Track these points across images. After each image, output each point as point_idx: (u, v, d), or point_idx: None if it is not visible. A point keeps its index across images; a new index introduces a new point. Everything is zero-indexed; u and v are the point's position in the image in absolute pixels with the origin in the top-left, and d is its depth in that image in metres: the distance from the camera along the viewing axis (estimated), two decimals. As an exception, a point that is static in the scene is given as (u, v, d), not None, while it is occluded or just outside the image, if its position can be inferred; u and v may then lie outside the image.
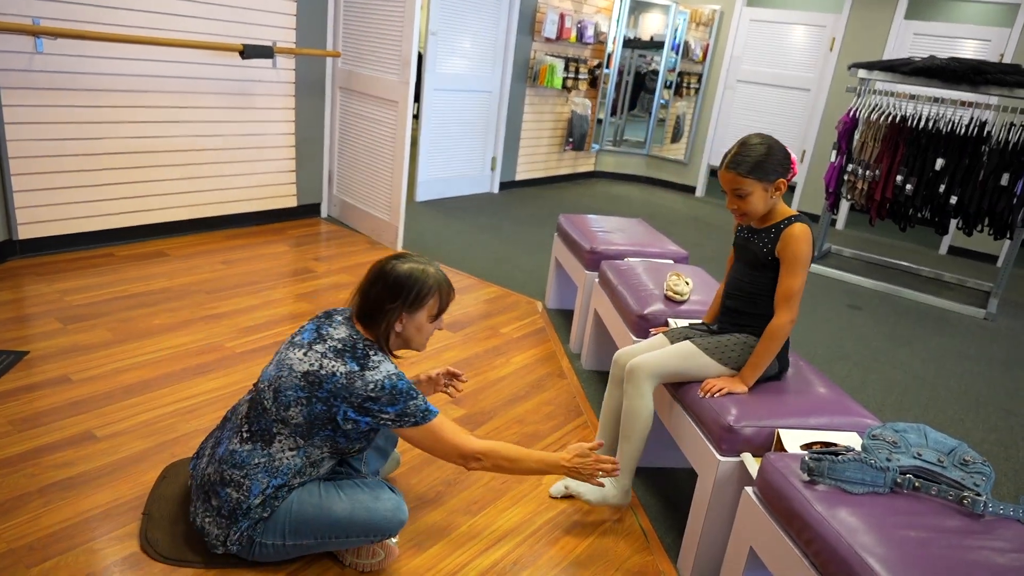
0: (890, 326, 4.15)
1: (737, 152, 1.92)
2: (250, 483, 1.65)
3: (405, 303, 1.69)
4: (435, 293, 1.73)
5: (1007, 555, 1.34)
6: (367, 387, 1.61)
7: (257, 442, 1.68)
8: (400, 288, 1.69)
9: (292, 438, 1.66)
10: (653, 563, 1.97)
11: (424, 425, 1.67)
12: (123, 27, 3.51)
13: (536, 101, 6.45)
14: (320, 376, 1.63)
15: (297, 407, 1.64)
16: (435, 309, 1.75)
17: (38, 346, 2.67)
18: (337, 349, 1.65)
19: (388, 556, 1.80)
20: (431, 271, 1.73)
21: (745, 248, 2.04)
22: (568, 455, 1.85)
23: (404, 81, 4.02)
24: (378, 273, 1.71)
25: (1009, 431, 3.03)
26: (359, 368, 1.62)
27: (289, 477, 1.67)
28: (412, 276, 1.69)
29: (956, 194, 4.39)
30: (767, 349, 1.94)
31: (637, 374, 2.03)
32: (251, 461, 1.66)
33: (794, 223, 1.94)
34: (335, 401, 1.62)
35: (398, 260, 1.73)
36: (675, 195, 7.30)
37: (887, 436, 1.61)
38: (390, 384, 1.63)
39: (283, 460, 1.66)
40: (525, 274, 4.23)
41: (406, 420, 1.66)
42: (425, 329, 1.76)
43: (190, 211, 4.11)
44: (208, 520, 1.70)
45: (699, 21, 7.14)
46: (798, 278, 1.90)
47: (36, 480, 1.95)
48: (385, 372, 1.64)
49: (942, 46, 5.93)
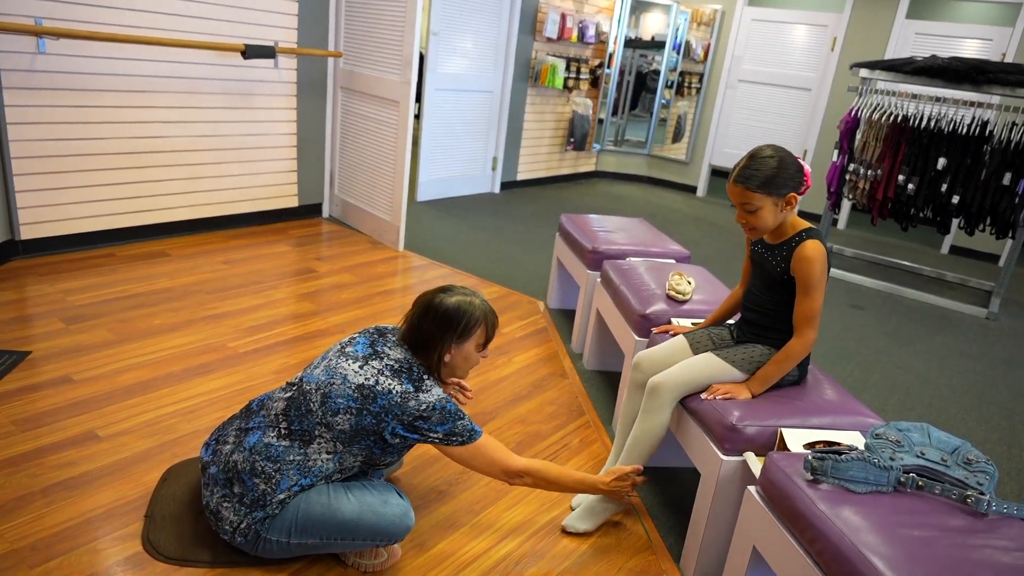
0: (892, 326, 4.14)
1: (746, 165, 1.87)
2: (280, 477, 1.67)
3: (455, 335, 1.76)
4: (482, 323, 1.80)
5: (1011, 554, 1.34)
6: (420, 407, 1.68)
7: (295, 440, 1.71)
8: (450, 321, 1.76)
9: (332, 443, 1.71)
10: (656, 562, 1.96)
11: (470, 444, 1.75)
12: (125, 27, 3.51)
13: (537, 101, 6.45)
14: (376, 391, 1.69)
15: (346, 415, 1.69)
16: (482, 339, 1.82)
17: (40, 346, 2.67)
18: (394, 368, 1.72)
19: (391, 557, 1.80)
20: (477, 303, 1.80)
21: (761, 266, 2.01)
22: (608, 478, 1.96)
23: (405, 81, 4.02)
24: (427, 307, 1.78)
25: (1012, 430, 3.02)
26: (414, 389, 1.70)
27: (318, 479, 1.70)
28: (460, 309, 1.77)
29: (958, 194, 4.38)
30: (781, 368, 1.92)
31: (661, 394, 1.99)
32: (287, 457, 1.69)
33: (806, 241, 1.88)
34: (386, 417, 1.68)
35: (445, 294, 1.80)
36: (676, 195, 7.30)
37: (890, 435, 1.60)
38: (440, 406, 1.71)
39: (318, 462, 1.70)
40: (527, 274, 4.23)
41: (453, 440, 1.73)
42: (472, 358, 1.83)
43: (192, 211, 4.11)
44: (226, 505, 1.70)
45: (700, 21, 7.13)
46: (816, 300, 1.87)
47: (39, 480, 1.95)
48: (437, 395, 1.72)
49: (944, 46, 5.93)
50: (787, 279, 1.92)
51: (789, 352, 1.91)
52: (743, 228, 1.94)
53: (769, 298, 1.99)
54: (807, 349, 1.90)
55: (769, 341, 2.01)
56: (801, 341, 1.89)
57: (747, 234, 1.97)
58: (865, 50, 6.21)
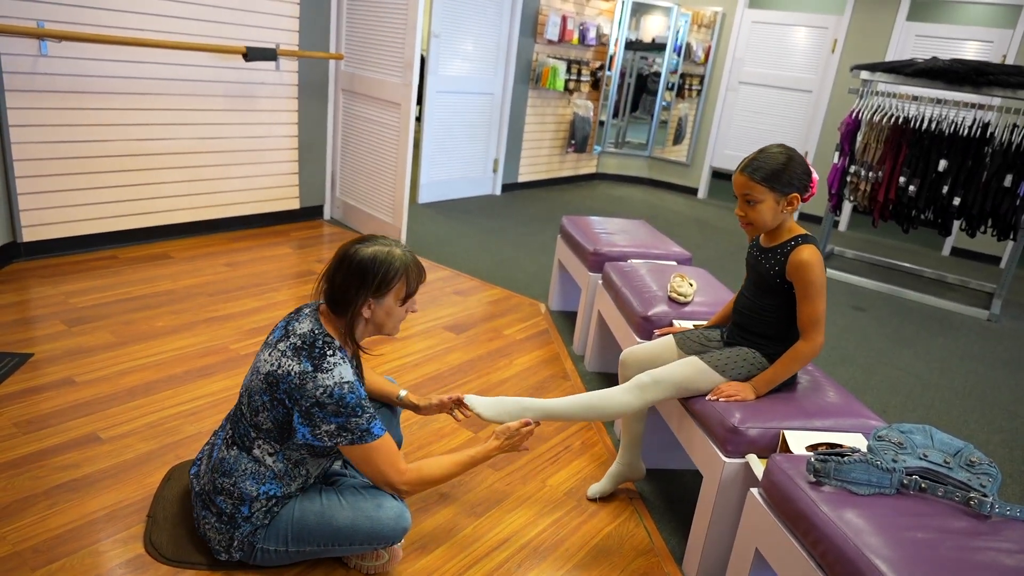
0: (893, 327, 4.14)
1: (755, 157, 1.87)
2: (239, 491, 1.64)
3: (371, 288, 1.61)
4: (402, 276, 1.64)
5: (1014, 556, 1.34)
6: (316, 390, 1.54)
7: (241, 449, 1.66)
8: (364, 273, 1.60)
9: (269, 443, 1.63)
10: (658, 565, 1.96)
11: (361, 445, 1.60)
12: (127, 30, 3.52)
13: (538, 103, 6.46)
14: (277, 376, 1.58)
15: (264, 412, 1.61)
16: (403, 292, 1.66)
17: (43, 348, 2.67)
18: (296, 347, 1.59)
19: (392, 559, 1.80)
20: (397, 252, 1.64)
21: (755, 269, 2.00)
22: (498, 440, 1.82)
23: (407, 83, 4.02)
24: (341, 258, 1.62)
25: (1014, 432, 3.02)
26: (312, 369, 1.56)
27: (278, 482, 1.65)
28: (377, 260, 1.61)
29: (959, 196, 4.38)
30: (787, 369, 1.92)
31: (648, 396, 1.97)
32: (238, 468, 1.65)
33: (801, 246, 1.87)
34: (288, 402, 1.58)
35: (362, 243, 1.64)
36: (677, 197, 7.30)
37: (893, 437, 1.60)
38: (339, 393, 1.55)
39: (266, 464, 1.64)
40: (528, 276, 4.23)
41: (343, 436, 1.58)
42: (395, 313, 1.67)
43: (193, 213, 4.12)
44: (208, 527, 1.70)
45: (701, 23, 7.14)
46: (818, 304, 1.86)
47: (41, 482, 1.95)
48: (337, 378, 1.56)
49: (944, 47, 5.93)
50: (780, 283, 1.91)
51: (796, 354, 1.91)
52: (740, 222, 1.94)
53: (760, 302, 1.98)
54: (814, 353, 1.90)
55: (757, 345, 2.00)
56: (809, 344, 1.89)
57: (744, 229, 1.96)
58: (866, 52, 6.22)
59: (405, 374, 2.85)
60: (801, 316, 1.89)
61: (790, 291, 1.90)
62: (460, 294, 3.81)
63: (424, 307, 3.57)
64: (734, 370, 1.97)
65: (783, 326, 1.95)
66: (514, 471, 2.29)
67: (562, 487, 2.25)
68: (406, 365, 2.92)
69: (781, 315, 1.94)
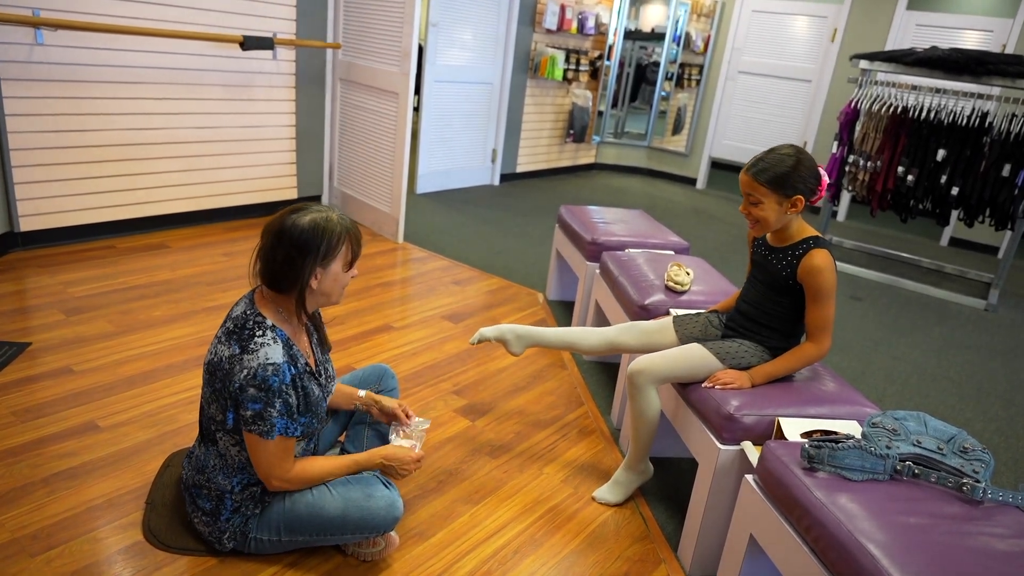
0: (891, 317, 4.15)
1: (762, 157, 1.88)
2: (214, 486, 1.66)
3: (318, 257, 1.56)
4: (346, 239, 1.60)
5: (1006, 541, 1.35)
6: (242, 373, 1.52)
7: (209, 444, 1.67)
8: (308, 243, 1.54)
9: (229, 434, 1.61)
10: (654, 551, 1.98)
11: (260, 437, 1.55)
12: (123, 18, 3.50)
13: (537, 93, 6.44)
14: (214, 364, 1.57)
15: (215, 404, 1.60)
16: (348, 256, 1.63)
17: (40, 337, 2.67)
18: (228, 331, 1.57)
19: (389, 545, 1.81)
20: (335, 217, 1.59)
21: (763, 267, 2.00)
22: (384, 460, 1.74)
23: (405, 73, 4.01)
24: (279, 233, 1.55)
25: (1009, 421, 3.03)
26: (240, 351, 1.53)
27: (246, 472, 1.65)
28: (318, 227, 1.55)
29: (957, 185, 4.38)
30: (789, 367, 1.93)
31: (639, 380, 2.00)
32: (208, 463, 1.67)
33: (813, 250, 1.88)
34: (225, 391, 1.56)
35: (296, 214, 1.57)
36: (676, 187, 7.29)
37: (887, 424, 1.61)
38: (262, 375, 1.50)
39: (231, 456, 1.64)
40: (526, 265, 4.23)
41: (256, 425, 1.53)
42: (341, 279, 1.64)
43: (191, 203, 4.11)
44: (197, 521, 1.73)
45: (700, 12, 7.11)
46: (828, 309, 1.87)
47: (40, 470, 1.96)
48: (263, 358, 1.51)
49: (944, 37, 5.91)
50: (792, 284, 1.92)
51: (802, 355, 1.92)
52: (747, 219, 1.95)
53: (769, 299, 1.99)
54: (821, 356, 1.91)
55: (759, 338, 2.01)
56: (817, 347, 1.90)
57: (750, 226, 1.97)
58: (865, 41, 6.19)
59: (403, 363, 2.85)
60: (810, 319, 1.90)
61: (801, 291, 1.92)
62: (458, 284, 3.81)
63: (422, 296, 3.58)
64: (734, 359, 1.98)
65: (789, 322, 1.98)
66: (511, 459, 2.30)
67: (559, 474, 2.26)
68: (404, 354, 2.93)
69: (789, 312, 1.97)
